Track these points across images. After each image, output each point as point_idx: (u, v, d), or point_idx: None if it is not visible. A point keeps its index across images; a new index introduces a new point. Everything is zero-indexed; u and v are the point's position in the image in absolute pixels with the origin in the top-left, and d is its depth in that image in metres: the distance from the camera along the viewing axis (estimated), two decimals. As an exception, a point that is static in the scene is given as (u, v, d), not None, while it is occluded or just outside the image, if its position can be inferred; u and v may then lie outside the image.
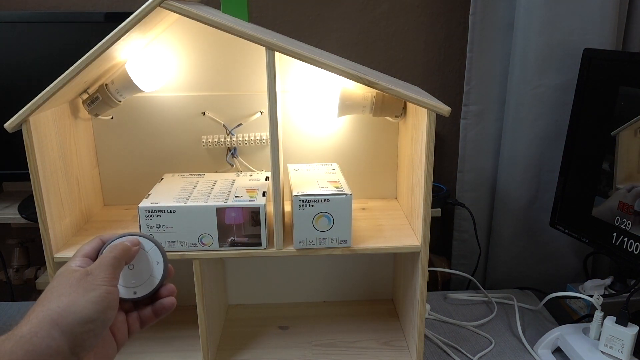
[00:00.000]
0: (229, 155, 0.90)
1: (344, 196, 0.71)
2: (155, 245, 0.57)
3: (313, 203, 0.71)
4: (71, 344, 0.45)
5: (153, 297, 0.56)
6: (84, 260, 0.52)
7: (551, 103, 1.02)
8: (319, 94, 0.88)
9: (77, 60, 0.66)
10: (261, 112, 0.89)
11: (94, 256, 0.53)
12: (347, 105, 0.82)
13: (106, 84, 0.80)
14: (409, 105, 0.82)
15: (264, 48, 0.65)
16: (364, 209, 0.90)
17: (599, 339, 0.81)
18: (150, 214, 0.71)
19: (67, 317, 0.46)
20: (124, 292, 0.55)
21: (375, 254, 0.98)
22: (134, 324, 0.55)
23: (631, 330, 0.77)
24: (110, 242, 0.55)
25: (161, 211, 0.71)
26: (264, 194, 0.76)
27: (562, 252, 1.12)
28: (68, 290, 0.48)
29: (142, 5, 0.64)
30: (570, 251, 1.12)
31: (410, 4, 1.11)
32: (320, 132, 0.91)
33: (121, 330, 0.54)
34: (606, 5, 0.96)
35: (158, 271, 0.56)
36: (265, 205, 0.72)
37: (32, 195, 0.71)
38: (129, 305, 0.56)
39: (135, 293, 0.55)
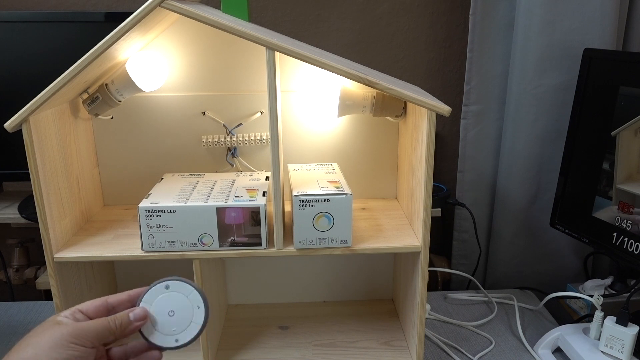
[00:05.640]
0: (229, 155, 0.90)
1: (344, 196, 0.71)
2: (195, 289, 0.55)
3: (313, 203, 0.71)
4: None
5: (141, 349, 0.54)
6: (74, 312, 0.51)
7: (551, 103, 1.02)
8: (319, 94, 0.88)
9: (77, 60, 0.66)
10: (261, 112, 0.89)
11: (90, 313, 0.52)
12: (347, 105, 0.83)
13: (106, 84, 0.80)
14: (409, 105, 0.82)
15: (264, 48, 0.65)
16: (364, 209, 0.90)
17: (599, 339, 0.81)
18: (150, 213, 0.71)
19: None
20: (164, 341, 0.54)
21: (375, 254, 0.98)
22: None
23: (631, 330, 0.77)
24: (151, 287, 0.54)
25: (161, 211, 0.71)
26: (264, 193, 0.76)
27: (562, 252, 1.12)
28: (37, 342, 0.47)
29: (142, 5, 0.64)
30: (570, 251, 1.12)
31: (410, 4, 1.11)
32: (320, 132, 0.91)
33: None
34: (606, 5, 0.96)
35: (199, 316, 0.54)
36: (265, 205, 0.72)
37: (32, 195, 0.71)
38: (119, 356, 0.54)
39: (177, 341, 0.54)
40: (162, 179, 0.84)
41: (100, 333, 0.50)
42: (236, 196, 0.74)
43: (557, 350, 0.88)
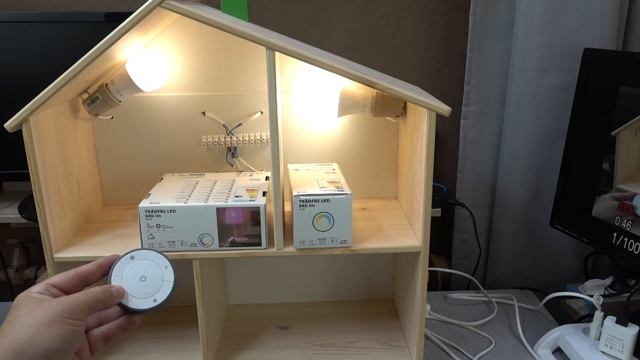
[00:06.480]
0: (229, 155, 0.90)
1: (344, 196, 0.71)
2: (159, 253, 0.59)
3: (313, 203, 0.71)
4: None
5: (114, 314, 0.56)
6: (47, 288, 0.52)
7: (551, 103, 1.02)
8: (319, 94, 0.88)
9: (77, 60, 0.66)
10: (261, 112, 0.89)
11: (64, 286, 0.53)
12: (347, 105, 0.83)
13: (106, 84, 0.80)
14: (409, 105, 0.82)
15: (264, 48, 0.65)
16: (364, 209, 0.90)
17: (599, 339, 0.81)
18: (150, 213, 0.71)
19: (30, 349, 0.46)
20: (144, 304, 0.56)
21: (375, 254, 0.98)
22: (97, 342, 0.54)
23: (631, 330, 0.77)
24: (117, 262, 0.58)
25: (161, 211, 0.71)
26: (264, 193, 0.76)
27: (562, 252, 1.12)
28: (32, 321, 0.47)
29: (142, 5, 0.64)
30: (570, 251, 1.12)
31: (410, 4, 1.11)
32: (320, 132, 0.91)
33: (84, 350, 0.53)
34: (606, 5, 0.96)
35: (169, 274, 0.58)
36: (265, 205, 0.72)
37: (32, 195, 0.71)
38: (93, 323, 0.55)
39: (155, 301, 0.57)
40: (162, 179, 0.84)
41: (91, 305, 0.51)
42: (236, 196, 0.74)
43: (557, 350, 0.88)
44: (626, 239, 0.84)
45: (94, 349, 0.54)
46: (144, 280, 0.57)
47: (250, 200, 0.73)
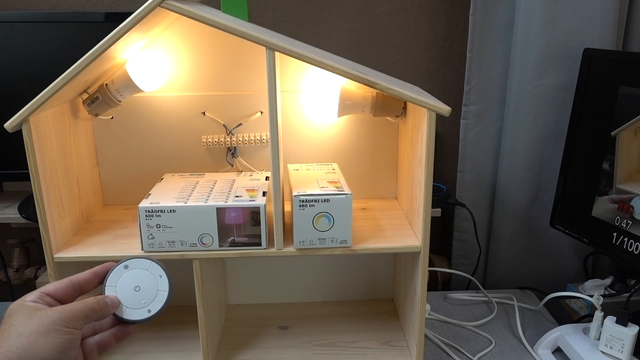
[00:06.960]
0: (229, 155, 0.90)
1: (344, 196, 0.71)
2: (153, 261, 0.58)
3: (313, 203, 0.71)
4: None
5: (109, 324, 0.56)
6: (41, 296, 0.51)
7: (551, 103, 1.02)
8: (319, 94, 0.88)
9: (77, 60, 0.66)
10: (261, 112, 0.89)
11: (58, 295, 0.52)
12: (347, 105, 0.82)
13: (106, 84, 0.80)
14: (409, 105, 0.82)
15: (264, 48, 0.65)
16: (364, 209, 0.90)
17: (599, 339, 0.81)
18: (150, 214, 0.71)
19: (27, 359, 0.45)
20: (138, 315, 0.56)
21: (375, 254, 0.98)
22: (92, 351, 0.54)
23: (631, 330, 0.77)
24: (111, 271, 0.57)
25: (161, 211, 0.71)
26: (264, 193, 0.76)
27: (562, 252, 1.12)
28: (28, 330, 0.47)
29: (142, 5, 0.64)
30: (570, 251, 1.12)
31: (410, 4, 1.11)
32: (320, 132, 0.91)
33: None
34: (606, 5, 0.96)
35: (164, 284, 0.57)
36: (265, 205, 0.72)
37: (32, 195, 0.71)
38: (87, 332, 0.55)
39: (149, 311, 0.56)
40: (162, 179, 0.84)
41: (87, 314, 0.51)
42: (236, 196, 0.74)
43: (557, 350, 0.88)
44: (626, 239, 0.84)
45: (89, 358, 0.53)
46: (138, 291, 0.56)
47: (250, 200, 0.73)
